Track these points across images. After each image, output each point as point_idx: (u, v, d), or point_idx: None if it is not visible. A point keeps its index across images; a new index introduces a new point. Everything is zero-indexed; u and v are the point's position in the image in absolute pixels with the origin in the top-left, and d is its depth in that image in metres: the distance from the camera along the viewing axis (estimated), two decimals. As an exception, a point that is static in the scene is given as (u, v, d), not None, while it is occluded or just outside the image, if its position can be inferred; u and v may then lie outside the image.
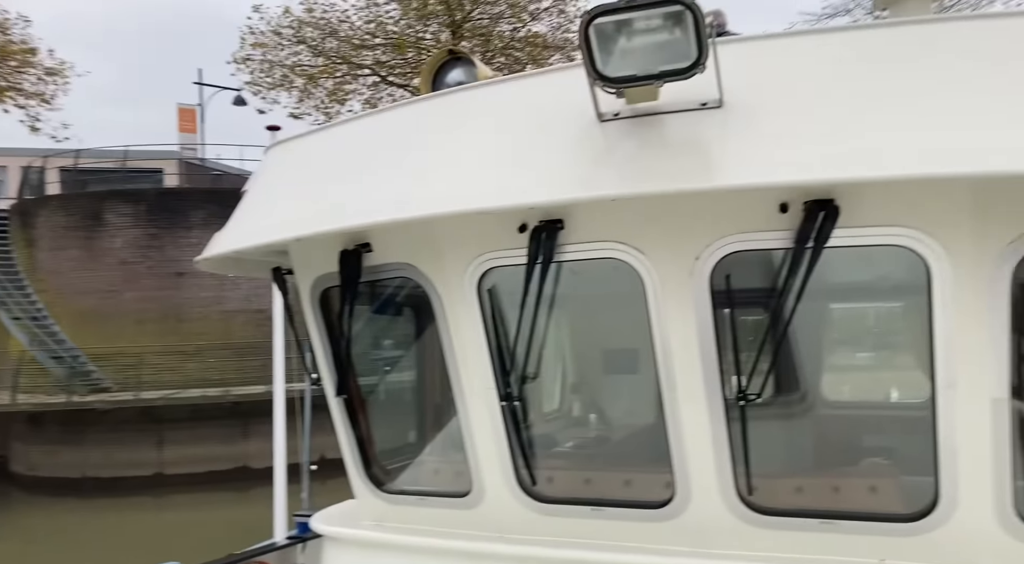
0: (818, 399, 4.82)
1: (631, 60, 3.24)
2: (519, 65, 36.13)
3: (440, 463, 4.94)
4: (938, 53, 3.19)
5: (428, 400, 5.34)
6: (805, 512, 3.81)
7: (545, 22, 36.12)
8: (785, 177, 3.14)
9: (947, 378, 3.36)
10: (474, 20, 35.85)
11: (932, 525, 3.54)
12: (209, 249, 4.66)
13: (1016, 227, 3.21)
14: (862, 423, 4.74)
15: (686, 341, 3.68)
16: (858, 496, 3.96)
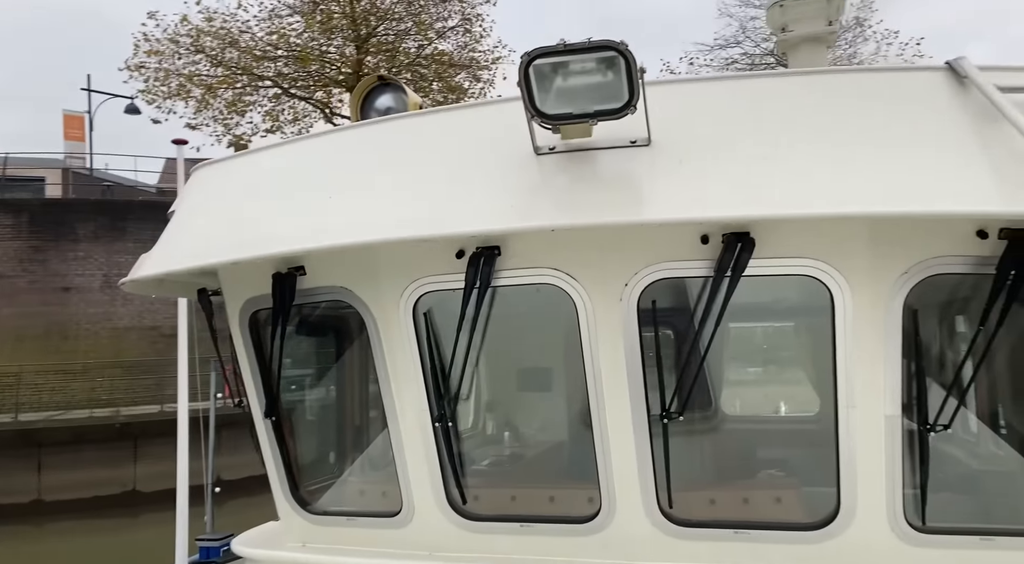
0: (729, 416, 5.12)
1: (567, 99, 3.44)
2: (425, 82, 36.28)
3: (368, 484, 4.98)
4: (842, 102, 3.52)
5: (356, 422, 5.38)
6: (720, 523, 4.06)
7: (451, 41, 36.44)
8: (706, 213, 3.40)
9: (847, 397, 3.68)
10: (379, 36, 35.77)
11: (833, 533, 3.85)
12: (137, 270, 4.58)
13: (907, 260, 3.56)
14: (769, 438, 5.06)
15: (614, 362, 3.88)
16: (766, 507, 4.25)
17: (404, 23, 35.70)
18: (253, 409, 4.77)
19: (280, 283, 4.28)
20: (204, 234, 4.40)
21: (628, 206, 3.50)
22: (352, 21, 35.17)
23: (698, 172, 3.44)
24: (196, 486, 11.05)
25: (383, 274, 4.21)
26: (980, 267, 3.50)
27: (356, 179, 4.05)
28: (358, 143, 4.25)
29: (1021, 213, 3.15)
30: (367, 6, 35.34)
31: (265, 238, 4.04)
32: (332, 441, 5.28)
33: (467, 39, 36.43)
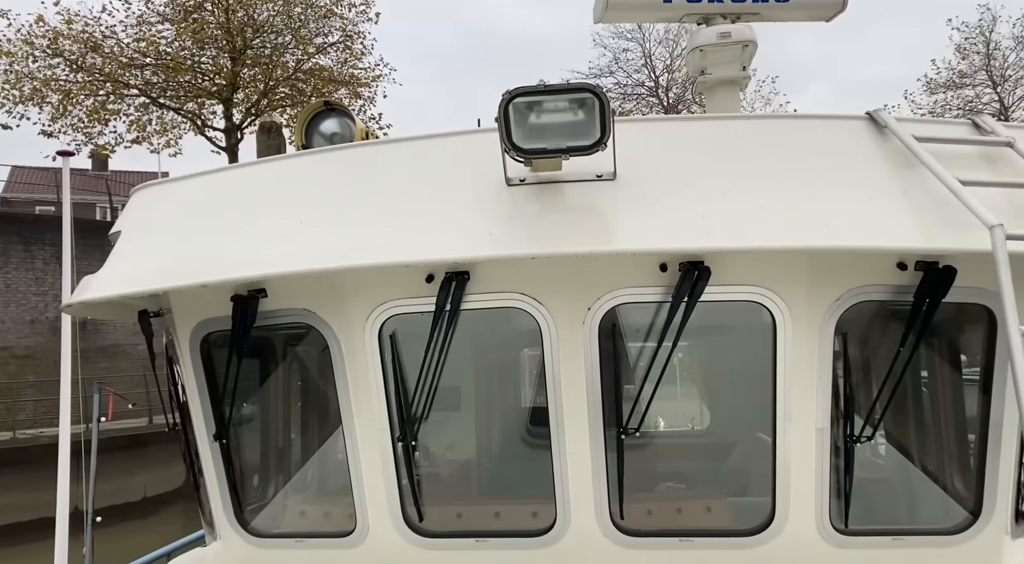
0: (669, 431, 5.45)
1: (540, 135, 3.68)
2: (303, 97, 35.63)
3: (318, 504, 4.98)
4: (782, 144, 3.94)
5: (305, 442, 5.36)
6: (666, 532, 4.36)
7: (331, 56, 36.00)
8: (666, 244, 3.73)
9: (785, 412, 4.09)
10: (256, 49, 34.89)
11: (768, 537, 4.23)
12: (83, 292, 4.42)
13: (839, 288, 4.01)
14: (709, 450, 5.43)
15: (575, 381, 4.12)
16: (701, 515, 4.59)
17: (283, 36, 35.00)
18: (198, 431, 4.68)
19: (241, 306, 4.26)
20: (158, 257, 4.31)
21: (594, 236, 3.76)
22: (227, 32, 34.16)
23: (659, 206, 3.76)
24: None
25: (349, 297, 4.27)
26: (900, 295, 3.98)
27: (326, 203, 4.10)
28: (326, 168, 4.30)
29: (936, 249, 3.65)
30: (243, 18, 34.42)
31: (231, 262, 4.02)
32: (280, 463, 5.23)
33: (347, 55, 36.10)
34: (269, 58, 34.98)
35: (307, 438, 5.42)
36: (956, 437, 4.45)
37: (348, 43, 35.58)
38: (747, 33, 5.65)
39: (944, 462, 4.66)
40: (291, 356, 5.14)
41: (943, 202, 3.60)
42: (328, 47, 35.53)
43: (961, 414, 4.44)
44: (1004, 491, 4.24)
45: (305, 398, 5.38)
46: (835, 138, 3.96)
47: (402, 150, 4.31)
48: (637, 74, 40.78)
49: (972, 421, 4.34)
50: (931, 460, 4.74)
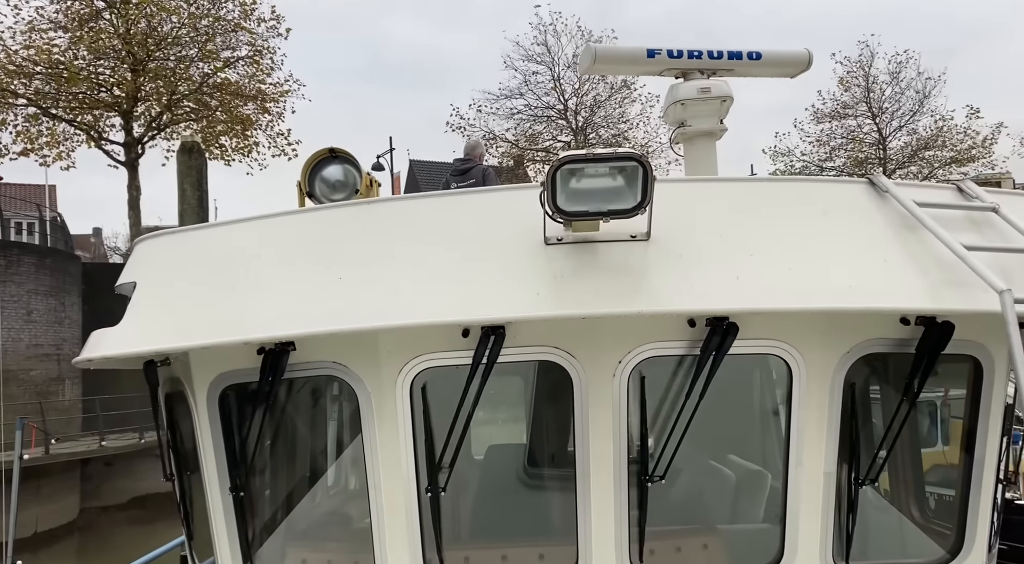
0: (695, 477, 5.55)
1: (582, 198, 3.82)
2: (209, 111, 34.63)
3: (337, 555, 4.90)
4: (795, 206, 4.21)
5: (323, 494, 5.28)
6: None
7: (239, 70, 35.15)
8: (695, 305, 3.93)
9: (797, 456, 4.35)
10: (159, 61, 33.68)
11: None
12: (105, 347, 4.27)
13: (849, 341, 4.31)
14: (723, 493, 5.62)
15: (604, 431, 4.26)
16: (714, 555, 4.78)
17: (188, 49, 33.95)
18: (209, 482, 4.55)
19: (273, 360, 4.20)
20: (182, 311, 4.18)
21: (625, 297, 3.91)
22: (127, 42, 32.86)
23: (692, 266, 3.95)
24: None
25: (383, 351, 4.26)
26: (902, 348, 4.33)
27: (359, 258, 4.09)
28: (357, 222, 4.29)
29: (945, 310, 3.99)
30: (145, 29, 33.21)
31: (263, 319, 3.96)
32: (296, 514, 5.12)
33: (255, 70, 35.33)
34: (173, 71, 33.85)
35: (325, 489, 5.33)
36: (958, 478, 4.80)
37: (257, 58, 34.86)
38: (725, 89, 5.98)
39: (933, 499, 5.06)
40: (313, 407, 5.06)
41: (945, 264, 3.96)
42: (236, 61, 34.71)
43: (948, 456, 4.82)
44: (984, 526, 4.65)
45: (326, 449, 5.31)
46: (841, 200, 4.27)
47: (437, 205, 4.34)
48: (546, 97, 41.56)
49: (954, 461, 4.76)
50: (921, 498, 5.13)
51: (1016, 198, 4.50)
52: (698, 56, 6.14)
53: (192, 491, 5.17)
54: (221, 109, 34.50)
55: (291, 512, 5.03)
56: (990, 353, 4.41)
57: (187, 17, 33.39)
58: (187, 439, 5.02)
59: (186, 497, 5.18)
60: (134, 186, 33.79)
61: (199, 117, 34.58)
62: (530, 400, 6.07)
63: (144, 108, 34.23)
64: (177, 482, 5.14)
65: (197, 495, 5.14)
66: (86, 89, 32.98)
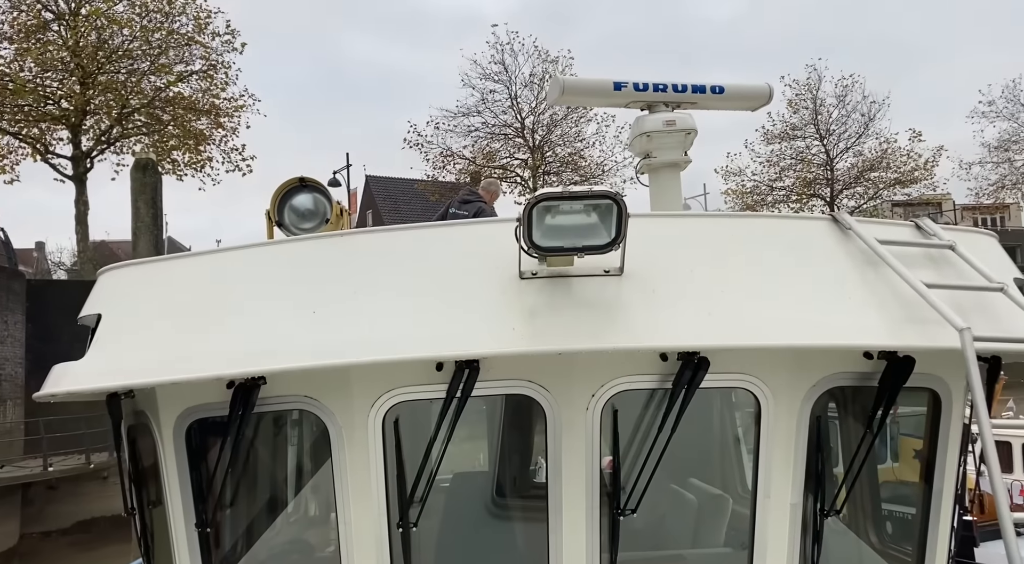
0: (661, 502, 5.59)
1: (557, 234, 3.87)
2: (162, 125, 34.06)
3: None
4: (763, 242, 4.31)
5: (292, 528, 5.19)
6: None
7: (193, 84, 34.65)
8: (667, 341, 4.01)
9: (765, 489, 4.43)
10: (110, 74, 33.04)
11: None
12: (68, 382, 4.16)
13: (815, 376, 4.41)
14: (688, 518, 5.67)
15: (577, 463, 4.29)
16: None
17: (140, 63, 33.38)
18: (173, 518, 4.45)
19: (244, 394, 4.13)
20: (150, 346, 4.10)
21: (599, 333, 3.96)
22: (76, 55, 32.19)
23: (664, 302, 4.02)
24: None
25: (355, 385, 4.23)
26: (867, 381, 4.45)
27: (331, 292, 4.06)
28: (329, 254, 4.26)
29: (907, 346, 4.12)
30: (95, 41, 32.58)
31: (235, 354, 3.91)
32: (263, 551, 5.02)
33: (209, 85, 34.88)
34: (124, 84, 33.24)
35: (294, 524, 5.25)
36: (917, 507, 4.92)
37: (211, 72, 34.42)
38: (690, 122, 6.10)
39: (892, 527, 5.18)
40: (282, 441, 4.99)
41: (906, 300, 4.09)
42: (189, 75, 34.21)
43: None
44: (942, 554, 4.79)
45: (295, 484, 5.23)
46: (807, 238, 4.39)
47: (412, 238, 4.34)
48: (504, 115, 41.75)
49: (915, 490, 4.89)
50: (880, 523, 5.25)
51: (971, 235, 4.68)
52: (663, 89, 6.26)
53: (154, 526, 5.06)
54: (174, 123, 33.97)
55: (258, 548, 4.95)
56: (948, 386, 4.56)
57: (139, 30, 32.87)
58: (150, 472, 4.92)
59: (147, 532, 5.06)
60: (82, 200, 33.03)
61: (151, 131, 33.98)
62: (498, 429, 6.08)
63: (93, 121, 33.54)
64: (139, 517, 5.02)
65: (160, 530, 5.03)
66: (32, 101, 32.21)
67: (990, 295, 4.27)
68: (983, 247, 4.68)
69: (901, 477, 6.09)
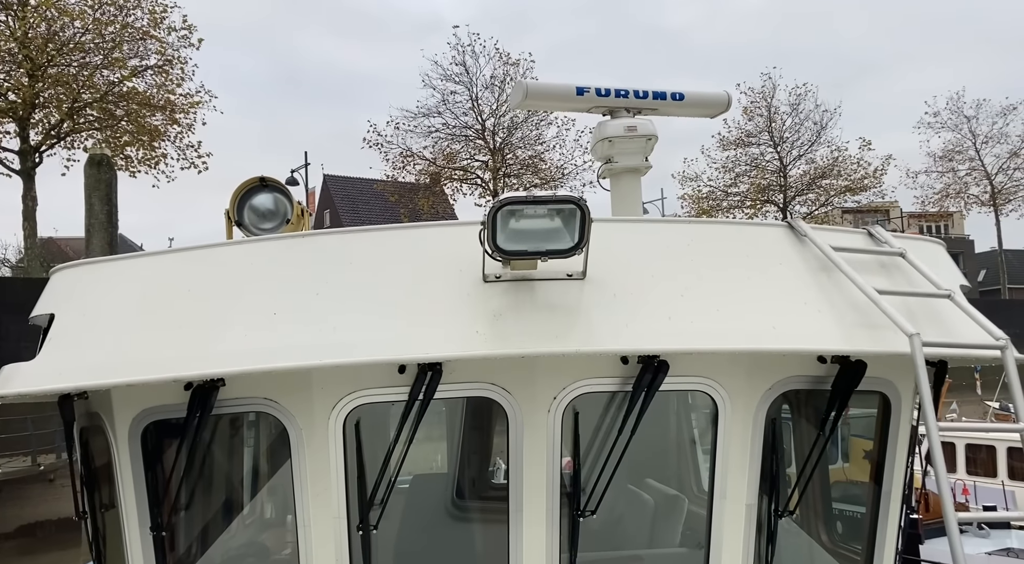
0: (618, 503, 5.65)
1: (521, 238, 3.91)
2: (115, 120, 33.34)
3: None
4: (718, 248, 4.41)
5: (249, 531, 5.13)
6: None
7: (147, 79, 33.96)
8: (628, 345, 4.07)
9: (721, 489, 4.52)
10: (60, 67, 32.24)
11: None
12: (17, 383, 4.06)
13: (772, 378, 4.52)
14: (644, 518, 5.74)
15: (537, 465, 4.33)
16: None
17: (92, 56, 32.61)
18: (127, 521, 4.38)
19: (202, 396, 4.09)
20: (104, 347, 4.02)
21: (560, 336, 4.00)
22: (23, 46, 31.34)
23: (625, 306, 4.08)
24: None
25: (316, 388, 4.19)
26: (819, 384, 4.57)
27: (293, 294, 4.03)
28: (291, 255, 4.23)
29: (859, 351, 4.24)
30: (45, 32, 31.76)
31: (191, 356, 3.85)
32: (219, 554, 4.95)
33: (164, 80, 34.24)
34: (75, 78, 32.44)
35: (251, 528, 5.19)
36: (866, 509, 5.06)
37: (166, 67, 33.79)
38: (650, 128, 6.19)
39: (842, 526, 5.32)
40: (240, 443, 4.94)
41: (859, 306, 4.22)
42: (144, 70, 33.54)
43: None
44: (890, 552, 4.94)
45: (253, 486, 5.18)
46: (764, 244, 4.49)
47: (375, 240, 4.34)
48: (464, 116, 41.75)
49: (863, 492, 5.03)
50: (830, 522, 5.39)
51: (920, 243, 4.84)
52: (624, 95, 6.35)
53: (106, 529, 4.98)
54: (127, 119, 33.26)
55: (214, 552, 4.90)
56: (898, 389, 4.71)
57: (92, 23, 32.10)
58: (103, 475, 4.84)
59: (99, 536, 4.98)
60: (30, 196, 32.15)
61: (103, 126, 33.23)
62: (458, 431, 6.10)
63: (43, 115, 32.68)
64: (91, 520, 4.94)
65: (112, 534, 4.96)
66: (-22, 94, 31.34)
67: (938, 302, 4.42)
68: (931, 255, 4.85)
69: (851, 477, 6.25)
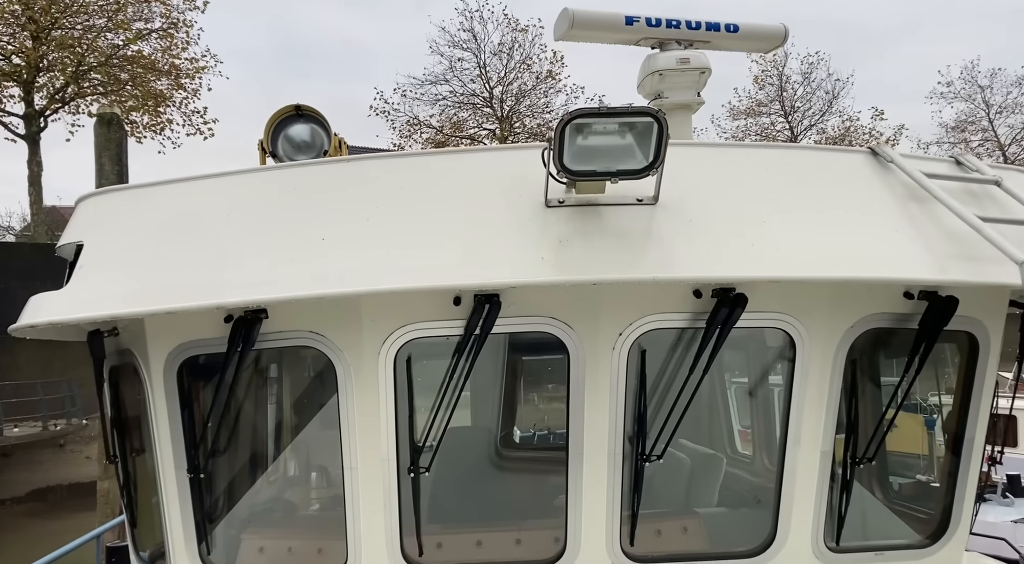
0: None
1: (588, 157, 3.57)
2: (120, 85, 32.87)
3: (300, 540, 4.51)
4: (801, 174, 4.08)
5: (290, 472, 4.88)
6: (673, 557, 4.33)
7: (152, 43, 33.41)
8: (709, 273, 3.73)
9: (795, 435, 4.22)
10: (65, 29, 31.70)
11: (768, 557, 4.33)
12: (46, 313, 3.76)
13: (854, 316, 4.20)
14: (714, 473, 5.46)
15: (599, 406, 4.03)
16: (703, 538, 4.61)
17: (97, 19, 32.05)
18: (162, 463, 4.11)
19: (244, 328, 3.80)
20: (140, 274, 3.72)
21: (628, 264, 3.68)
22: (27, 8, 30.78)
23: (700, 233, 3.76)
24: None
25: (366, 319, 3.90)
26: (905, 323, 4.26)
27: (342, 219, 3.72)
28: (339, 179, 3.92)
29: (951, 281, 3.92)
30: (48, -6, 31.21)
31: (234, 282, 3.54)
32: (257, 498, 4.70)
33: (169, 44, 33.69)
34: (79, 41, 31.92)
35: (292, 471, 4.94)
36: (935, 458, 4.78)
37: (171, 30, 33.22)
38: (704, 60, 5.84)
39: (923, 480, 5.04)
40: (281, 380, 4.66)
41: (953, 236, 3.89)
42: (149, 34, 32.97)
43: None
44: (968, 506, 4.65)
45: (293, 426, 4.90)
46: (847, 170, 4.16)
47: (429, 164, 4.02)
48: (472, 84, 41.13)
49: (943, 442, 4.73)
50: (885, 480, 5.08)
51: (1016, 173, 4.49)
52: (676, 26, 5.99)
53: (137, 474, 4.73)
54: (132, 83, 32.79)
55: (252, 495, 4.64)
56: (987, 329, 4.38)
57: (96, -16, 31.59)
58: (134, 417, 4.58)
59: (130, 481, 4.72)
60: (35, 161, 31.82)
61: (108, 91, 32.77)
62: (501, 376, 5.80)
63: (47, 79, 32.22)
64: (121, 464, 4.68)
65: (142, 478, 4.71)
66: (-19, 57, 30.88)
67: None
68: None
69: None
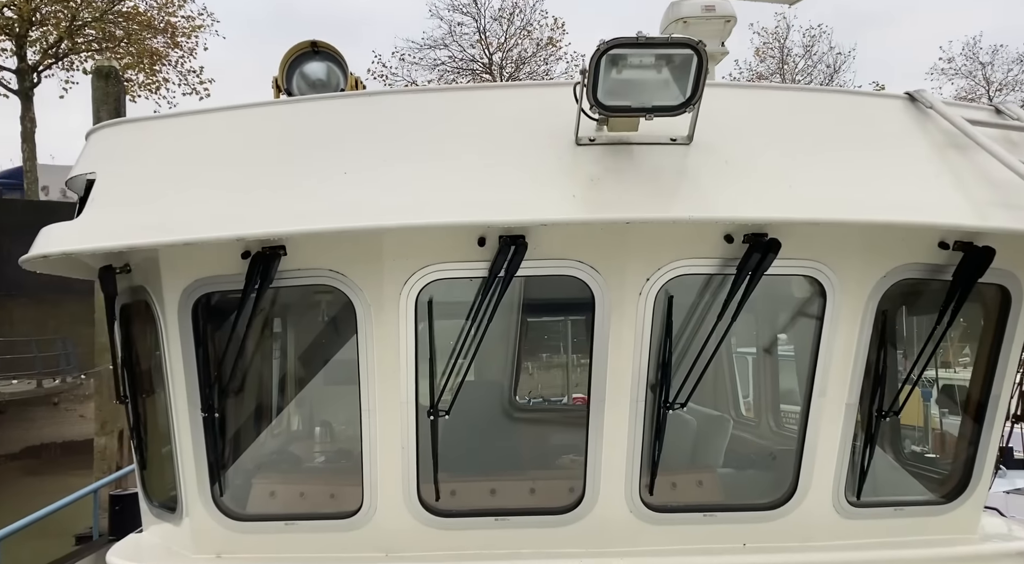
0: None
1: (622, 91, 3.43)
2: (115, 41, 32.33)
3: (314, 484, 4.44)
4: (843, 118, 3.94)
5: (304, 414, 4.79)
6: (691, 507, 4.26)
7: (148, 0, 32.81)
8: (746, 213, 3.61)
9: (821, 387, 4.13)
10: (60, -18, 31.13)
11: (787, 510, 4.27)
12: (57, 243, 3.64)
13: (887, 265, 4.09)
14: (723, 435, 5.38)
15: (623, 353, 3.94)
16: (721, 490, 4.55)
17: (91, -29, 31.46)
18: (175, 402, 4.02)
19: (262, 265, 3.68)
20: (156, 206, 3.58)
21: (659, 204, 3.55)
22: (21, -41, 30.14)
23: (734, 174, 3.64)
24: None
25: (387, 258, 3.77)
26: (938, 274, 4.16)
27: (364, 153, 3.59)
28: (363, 115, 3.77)
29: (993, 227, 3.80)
30: (41, -56, 30.56)
31: (253, 215, 3.42)
32: (271, 441, 4.62)
33: (164, 1, 33.08)
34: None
35: (310, 411, 4.85)
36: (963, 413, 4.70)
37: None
38: (729, 8, 5.69)
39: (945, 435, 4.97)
40: (298, 320, 4.56)
41: (994, 183, 3.78)
42: (146, -12, 32.39)
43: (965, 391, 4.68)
44: (990, 465, 4.59)
45: (310, 366, 4.81)
46: (886, 115, 4.03)
47: (454, 100, 3.89)
48: (471, 49, 40.59)
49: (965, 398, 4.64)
50: (933, 433, 5.03)
51: None
52: None
53: (147, 416, 4.64)
54: (128, 40, 32.24)
55: (268, 436, 4.55)
56: (1020, 283, 4.27)
57: (90, -64, 30.92)
58: (145, 357, 4.48)
59: (140, 422, 4.63)
60: (28, 117, 31.34)
61: (103, 47, 32.22)
62: (516, 325, 5.70)
63: (41, 33, 31.64)
64: (132, 406, 4.59)
65: (152, 421, 4.62)
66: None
67: None
68: None
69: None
